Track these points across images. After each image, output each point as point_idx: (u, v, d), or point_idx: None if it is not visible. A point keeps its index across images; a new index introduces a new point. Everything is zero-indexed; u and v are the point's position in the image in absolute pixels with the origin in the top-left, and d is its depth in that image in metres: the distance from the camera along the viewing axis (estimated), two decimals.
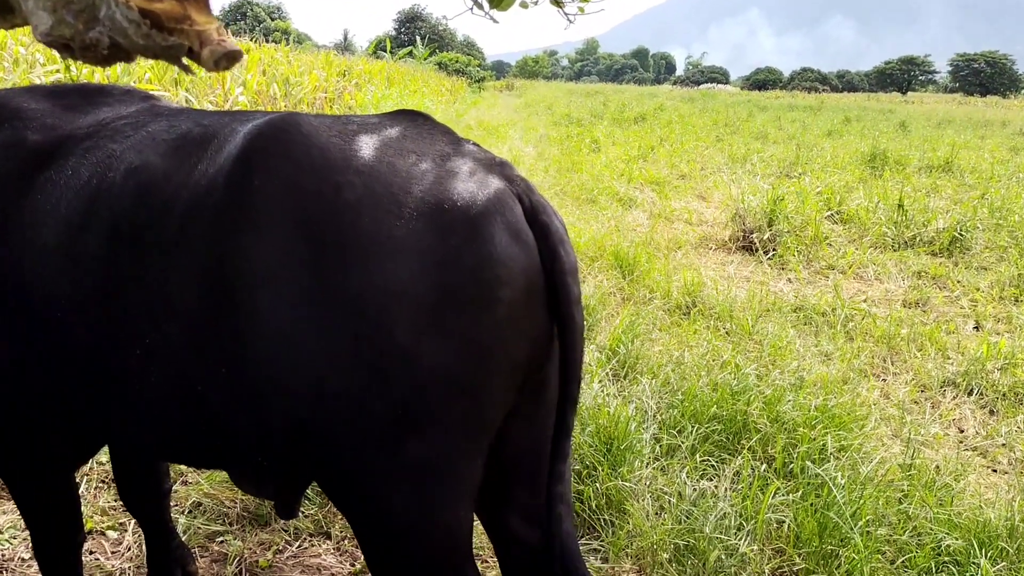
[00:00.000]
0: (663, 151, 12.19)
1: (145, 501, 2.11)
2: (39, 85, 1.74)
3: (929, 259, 6.17)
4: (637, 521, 2.47)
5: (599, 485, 2.61)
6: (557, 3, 2.64)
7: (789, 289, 5.42)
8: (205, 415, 1.35)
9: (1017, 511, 2.52)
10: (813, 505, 2.50)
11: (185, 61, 1.22)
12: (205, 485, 2.68)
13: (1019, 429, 3.42)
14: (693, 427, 3.00)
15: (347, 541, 2.49)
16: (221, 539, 2.47)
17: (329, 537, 2.51)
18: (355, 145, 1.26)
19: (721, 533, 2.40)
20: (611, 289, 5.05)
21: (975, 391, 3.76)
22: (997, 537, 2.40)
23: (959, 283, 5.58)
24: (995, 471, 3.13)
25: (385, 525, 1.30)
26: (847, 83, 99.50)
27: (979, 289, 5.42)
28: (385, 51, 32.34)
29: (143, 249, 1.30)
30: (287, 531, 2.51)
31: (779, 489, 2.60)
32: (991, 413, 3.63)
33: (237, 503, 2.62)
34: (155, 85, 7.46)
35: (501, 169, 1.33)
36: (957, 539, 2.39)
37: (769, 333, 4.26)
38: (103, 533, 2.48)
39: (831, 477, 2.59)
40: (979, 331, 4.69)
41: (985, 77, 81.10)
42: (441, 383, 1.21)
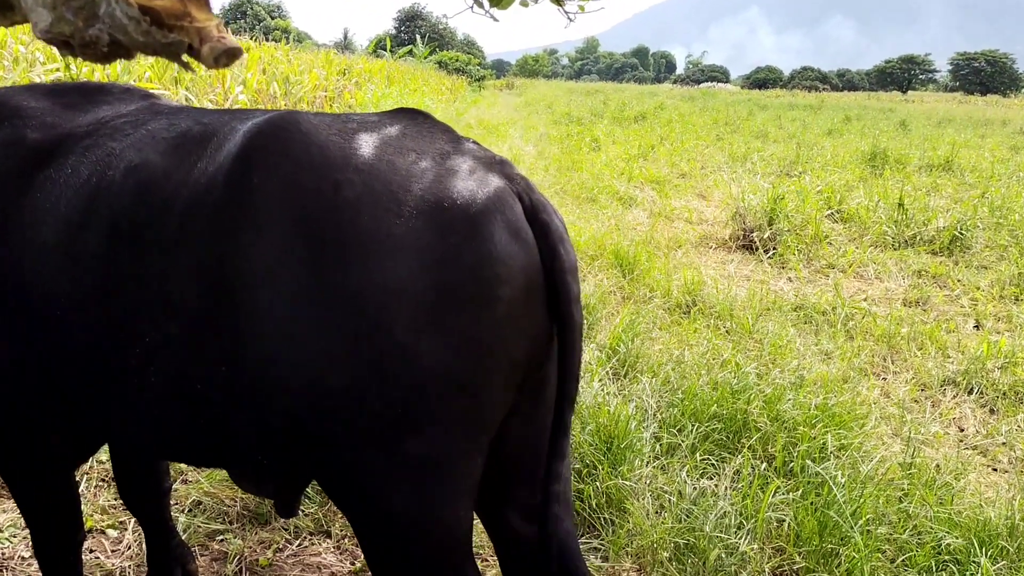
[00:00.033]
0: (663, 150, 12.18)
1: (145, 500, 2.11)
2: (39, 83, 1.74)
3: (929, 258, 6.17)
4: (637, 520, 2.47)
5: (599, 484, 2.61)
6: (557, 1, 2.63)
7: (789, 288, 5.42)
8: (205, 414, 1.35)
9: (1017, 510, 2.52)
10: (813, 504, 2.50)
11: (185, 58, 1.22)
12: (205, 484, 2.68)
13: (1019, 428, 3.42)
14: (693, 426, 2.99)
15: (347, 539, 2.49)
16: (221, 538, 2.47)
17: (329, 536, 2.51)
18: (355, 143, 1.26)
19: (721, 532, 2.40)
20: (611, 288, 5.04)
21: (975, 390, 3.76)
22: (997, 536, 2.40)
23: (959, 282, 5.57)
24: (995, 470, 3.13)
25: (385, 524, 1.30)
26: (847, 82, 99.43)
27: (979, 288, 5.42)
28: (385, 50, 32.31)
29: (143, 247, 1.30)
30: (287, 530, 2.51)
31: (779, 488, 2.60)
32: (991, 412, 3.63)
33: (237, 502, 2.62)
34: (155, 84, 7.45)
35: (501, 167, 1.33)
36: (957, 538, 2.39)
37: (769, 332, 4.26)
38: (103, 531, 2.48)
39: (831, 476, 2.59)
40: (979, 330, 4.69)
41: (985, 76, 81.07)
42: (441, 381, 1.21)
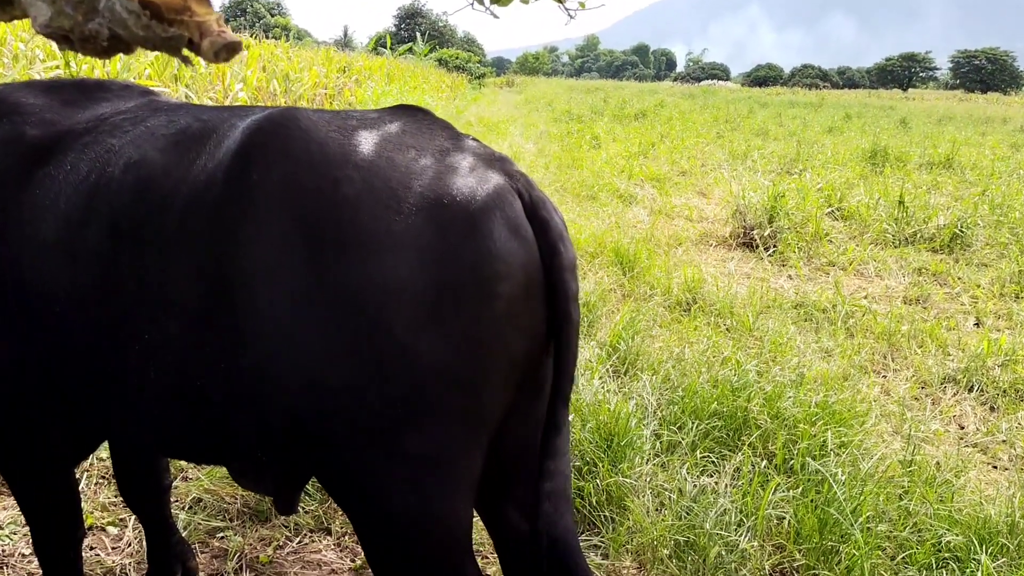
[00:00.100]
0: (663, 148, 12.17)
1: (145, 497, 2.11)
2: (37, 80, 1.74)
3: (930, 256, 6.17)
4: (637, 517, 2.47)
5: (599, 481, 2.61)
6: None
7: (790, 286, 5.42)
8: (205, 411, 1.34)
9: (1017, 507, 2.52)
10: (813, 501, 2.49)
11: (185, 53, 1.21)
12: (205, 481, 2.68)
13: (1019, 425, 3.42)
14: (693, 423, 2.99)
15: (347, 537, 2.49)
16: (221, 535, 2.47)
17: (329, 533, 2.51)
18: (354, 140, 1.25)
19: (721, 529, 2.40)
20: (611, 285, 5.04)
21: (975, 387, 3.76)
22: (997, 533, 2.39)
23: (960, 280, 5.57)
24: (995, 467, 3.13)
25: (384, 521, 1.30)
26: (848, 80, 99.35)
27: (980, 286, 5.41)
28: (385, 47, 32.30)
29: (142, 245, 1.30)
30: (287, 527, 2.51)
31: (779, 485, 2.60)
32: (991, 409, 3.63)
33: (237, 499, 2.62)
34: (155, 81, 7.44)
35: (501, 164, 1.33)
36: (957, 535, 2.39)
37: (770, 329, 4.26)
38: (103, 529, 2.48)
39: (831, 473, 2.59)
40: (979, 327, 4.69)
41: (986, 74, 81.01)
42: (440, 379, 1.20)
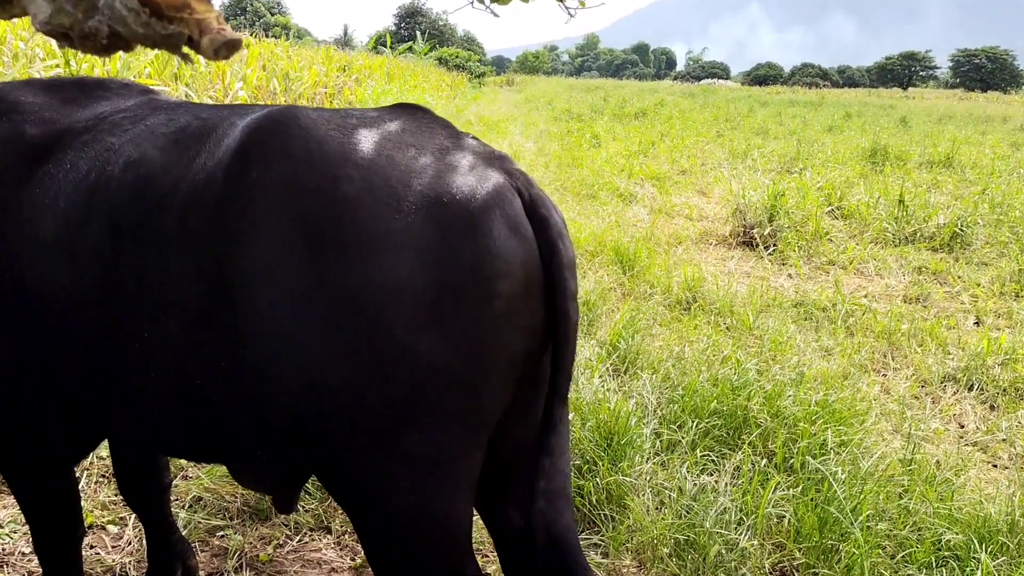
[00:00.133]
0: (663, 147, 12.17)
1: (145, 496, 2.11)
2: (37, 79, 1.73)
3: (930, 255, 6.17)
4: (637, 516, 2.47)
5: (599, 480, 2.61)
6: None
7: (790, 284, 5.42)
8: (204, 411, 1.34)
9: (1017, 506, 2.51)
10: (813, 500, 2.49)
11: (185, 50, 1.21)
12: (205, 480, 2.68)
13: (1019, 424, 3.41)
14: (693, 422, 2.99)
15: (347, 535, 2.49)
16: (221, 533, 2.47)
17: (330, 531, 2.51)
18: (354, 139, 1.25)
19: (721, 528, 2.40)
20: (611, 284, 5.04)
21: (975, 386, 3.76)
22: (997, 532, 2.39)
23: (960, 278, 5.57)
24: (995, 466, 3.13)
25: (384, 520, 1.30)
26: (848, 79, 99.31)
27: (980, 285, 5.41)
28: (385, 46, 32.28)
29: (142, 243, 1.30)
30: (287, 525, 2.51)
31: (779, 484, 2.60)
32: (991, 408, 3.63)
33: (237, 498, 2.62)
34: (155, 80, 7.44)
35: (501, 163, 1.33)
36: (957, 534, 2.39)
37: (769, 328, 4.26)
38: (103, 527, 2.48)
39: (831, 472, 2.59)
40: (979, 326, 4.69)
41: (986, 73, 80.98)
42: (439, 377, 1.20)
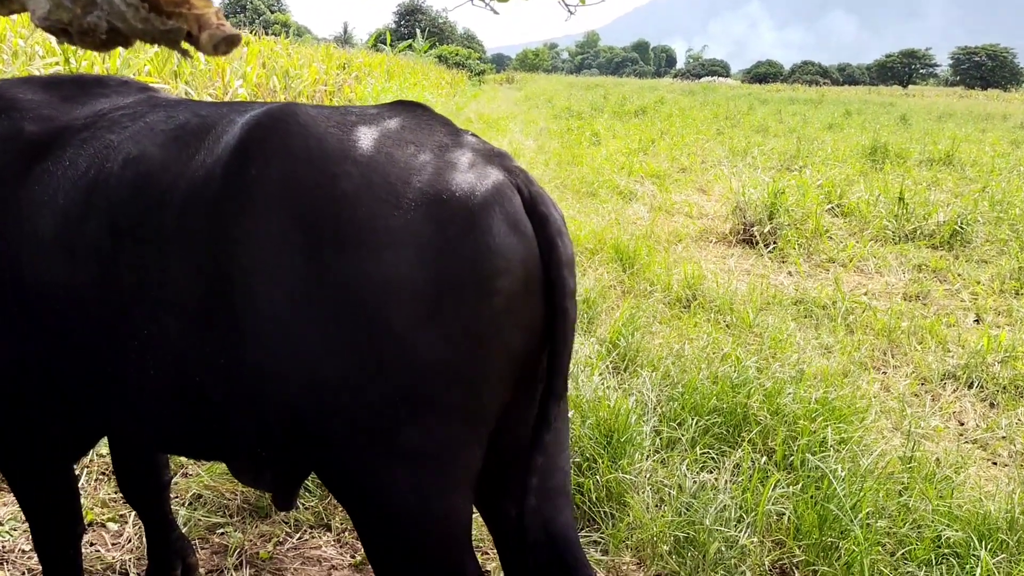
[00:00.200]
0: (663, 144, 12.16)
1: (145, 493, 2.11)
2: (36, 76, 1.73)
3: (930, 252, 6.17)
4: (637, 513, 2.47)
5: (599, 477, 2.61)
6: None
7: (789, 282, 5.42)
8: (204, 409, 1.34)
9: (1017, 504, 2.52)
10: (813, 497, 2.50)
11: (184, 46, 1.21)
12: (205, 477, 2.68)
13: (1019, 422, 3.42)
14: (693, 420, 2.99)
15: (347, 533, 2.49)
16: (221, 531, 2.47)
17: (329, 529, 2.51)
18: (353, 135, 1.25)
19: (721, 525, 2.40)
20: (611, 282, 5.04)
21: (975, 384, 3.76)
22: (997, 529, 2.40)
23: (959, 276, 5.57)
24: (995, 464, 3.13)
25: (384, 516, 1.30)
26: (848, 76, 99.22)
27: (979, 282, 5.41)
28: (385, 44, 32.22)
29: (141, 241, 1.30)
30: (287, 523, 2.52)
31: (779, 481, 2.60)
32: (991, 406, 3.63)
33: (237, 495, 2.62)
34: (154, 77, 7.43)
35: (500, 160, 1.33)
36: (957, 531, 2.39)
37: (769, 326, 4.26)
38: (103, 525, 2.49)
39: (831, 469, 2.59)
40: (979, 324, 4.69)
41: (986, 70, 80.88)
42: (438, 374, 1.20)
